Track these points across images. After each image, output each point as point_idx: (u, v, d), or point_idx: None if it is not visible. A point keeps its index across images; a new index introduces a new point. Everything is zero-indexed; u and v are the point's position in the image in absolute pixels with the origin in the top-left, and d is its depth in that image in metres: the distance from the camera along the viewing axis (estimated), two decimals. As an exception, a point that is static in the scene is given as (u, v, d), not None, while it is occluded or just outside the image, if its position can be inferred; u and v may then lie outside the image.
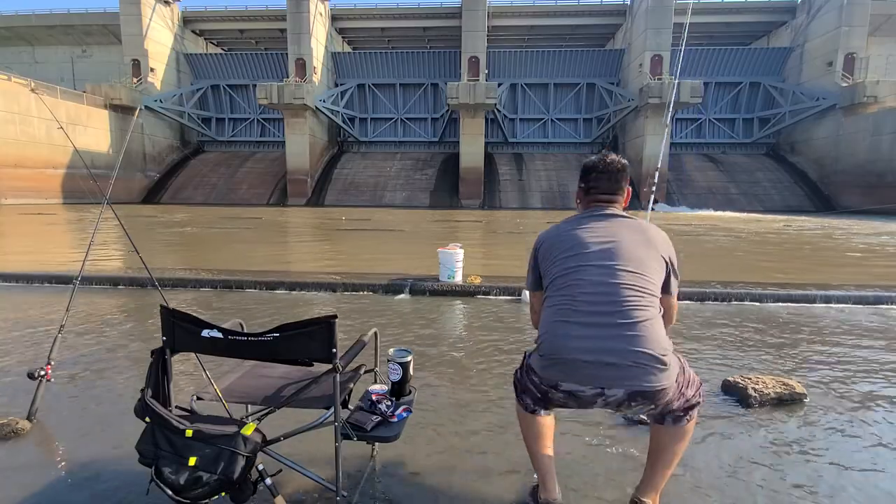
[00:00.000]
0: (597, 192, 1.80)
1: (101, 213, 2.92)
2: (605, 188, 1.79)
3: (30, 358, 3.36)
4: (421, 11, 37.89)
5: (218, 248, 10.82)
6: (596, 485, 1.99)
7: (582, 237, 1.70)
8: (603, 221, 1.73)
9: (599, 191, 1.80)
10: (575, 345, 1.56)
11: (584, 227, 1.73)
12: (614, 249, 1.64)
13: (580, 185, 1.86)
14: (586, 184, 1.83)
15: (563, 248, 1.71)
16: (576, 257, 1.66)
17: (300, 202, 33.45)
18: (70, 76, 38.83)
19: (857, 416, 2.65)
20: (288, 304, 5.17)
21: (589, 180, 1.82)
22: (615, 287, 1.58)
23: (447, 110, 36.12)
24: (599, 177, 1.80)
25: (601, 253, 1.64)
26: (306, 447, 2.09)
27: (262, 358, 1.79)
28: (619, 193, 1.80)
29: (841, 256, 10.06)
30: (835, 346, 3.89)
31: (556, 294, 1.67)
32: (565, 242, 1.72)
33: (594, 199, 1.81)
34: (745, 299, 5.36)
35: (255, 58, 39.01)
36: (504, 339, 4.00)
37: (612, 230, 1.69)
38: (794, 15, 35.53)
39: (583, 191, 1.85)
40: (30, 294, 5.51)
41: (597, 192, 1.80)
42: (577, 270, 1.64)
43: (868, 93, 28.59)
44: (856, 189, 29.23)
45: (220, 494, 1.51)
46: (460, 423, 2.51)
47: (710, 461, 2.17)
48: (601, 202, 1.79)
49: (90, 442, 2.29)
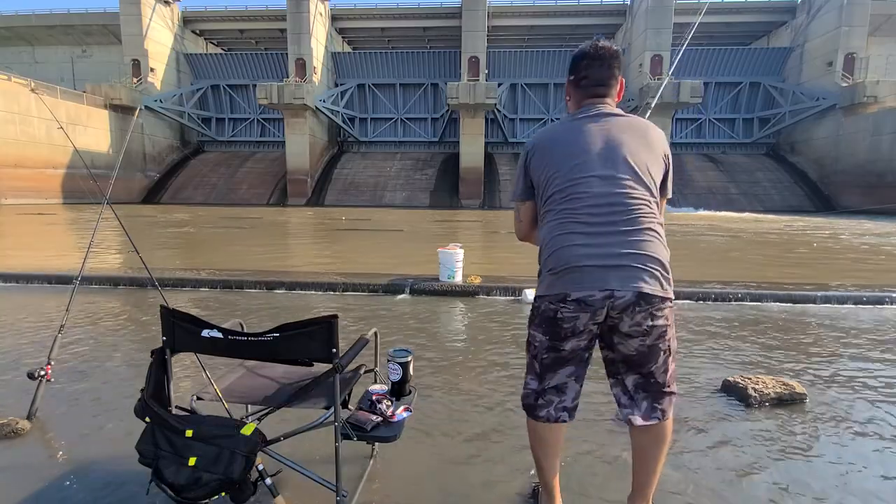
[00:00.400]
0: (589, 84, 1.66)
1: (100, 213, 2.92)
2: (597, 77, 1.66)
3: (30, 358, 3.36)
4: (421, 11, 37.89)
5: (218, 248, 10.82)
6: (594, 486, 1.99)
7: (579, 143, 1.59)
8: (600, 122, 1.60)
9: (592, 81, 1.66)
10: (584, 252, 1.51)
11: (581, 131, 1.61)
12: (616, 157, 1.55)
13: (569, 79, 1.72)
14: (577, 74, 1.68)
15: (559, 157, 1.61)
16: (575, 168, 1.57)
17: (300, 202, 33.45)
18: (70, 76, 38.83)
19: (857, 416, 2.65)
20: (288, 304, 5.17)
21: (579, 69, 1.67)
22: (620, 197, 1.52)
23: (447, 110, 36.11)
24: (591, 64, 1.65)
25: (602, 161, 1.55)
26: (306, 447, 2.09)
27: (262, 358, 1.79)
28: (612, 83, 1.67)
29: (841, 256, 10.06)
30: (835, 346, 3.89)
31: (557, 208, 1.59)
32: (561, 150, 1.61)
33: (587, 95, 1.67)
34: (744, 299, 5.36)
35: (255, 58, 39.01)
36: (504, 339, 4.00)
37: (612, 133, 1.58)
38: (794, 15, 35.53)
39: (573, 84, 1.70)
40: (30, 294, 5.51)
41: (589, 84, 1.66)
42: (579, 183, 1.56)
43: (868, 93, 28.58)
44: (856, 189, 29.23)
45: (220, 494, 1.51)
46: (460, 424, 2.51)
47: (710, 461, 2.17)
48: (595, 97, 1.67)
49: (90, 442, 2.29)
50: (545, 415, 1.68)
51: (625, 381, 1.65)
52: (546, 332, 1.61)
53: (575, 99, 1.72)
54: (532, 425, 1.73)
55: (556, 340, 1.60)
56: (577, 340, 1.58)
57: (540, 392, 1.69)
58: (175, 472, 1.49)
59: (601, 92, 1.67)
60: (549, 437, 1.70)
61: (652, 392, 1.62)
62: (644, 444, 1.68)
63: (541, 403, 1.68)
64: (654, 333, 1.53)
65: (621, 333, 1.55)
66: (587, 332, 1.57)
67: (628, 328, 1.53)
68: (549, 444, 1.71)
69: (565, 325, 1.56)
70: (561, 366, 1.64)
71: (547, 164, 1.63)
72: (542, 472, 1.76)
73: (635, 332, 1.53)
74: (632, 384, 1.64)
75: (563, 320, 1.56)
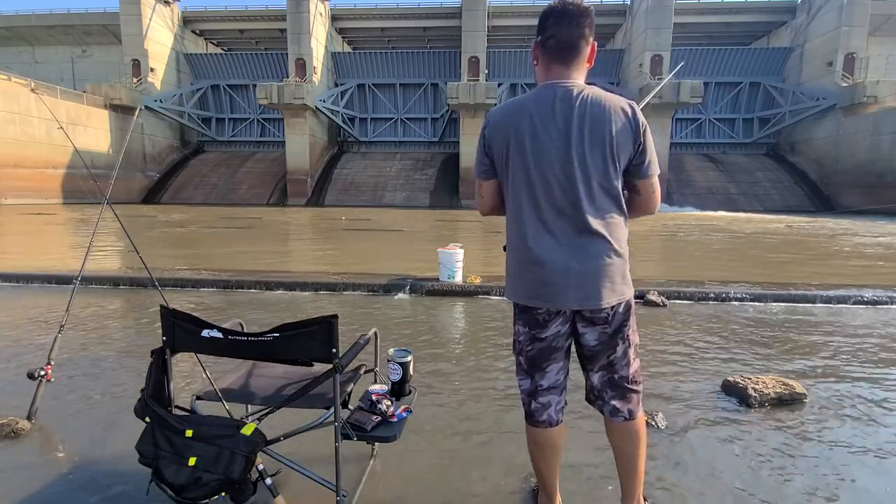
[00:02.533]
0: (556, 47, 1.52)
1: (101, 213, 2.92)
2: (565, 37, 1.51)
3: (30, 358, 3.35)
4: (421, 11, 37.88)
5: (218, 248, 10.82)
6: (592, 486, 1.98)
7: (533, 129, 1.50)
8: (559, 102, 1.49)
9: (559, 43, 1.52)
10: (542, 257, 1.52)
11: (537, 112, 1.50)
12: (569, 145, 1.47)
13: (536, 40, 1.57)
14: (543, 35, 1.54)
15: (512, 142, 1.53)
16: (528, 156, 1.51)
17: (300, 202, 33.44)
18: (70, 76, 38.83)
19: (858, 415, 2.65)
20: (288, 304, 5.17)
21: (546, 29, 1.53)
22: (572, 195, 1.48)
23: (447, 110, 36.12)
24: (559, 22, 1.51)
25: (553, 151, 1.48)
26: (306, 447, 2.09)
27: (262, 358, 1.79)
28: (581, 44, 1.52)
29: (841, 256, 10.05)
30: (835, 346, 3.89)
31: (513, 199, 1.57)
32: (515, 135, 1.53)
33: (553, 58, 1.54)
34: (744, 299, 5.36)
35: (255, 58, 39.02)
36: (504, 339, 3.99)
37: (568, 113, 1.47)
38: (794, 15, 35.53)
39: (540, 45, 1.56)
40: (30, 294, 5.51)
41: (556, 47, 1.52)
42: (529, 173, 1.51)
43: (868, 93, 28.59)
44: (856, 189, 29.22)
45: (220, 494, 1.51)
46: (460, 423, 2.51)
47: (710, 461, 2.17)
48: (561, 63, 1.54)
49: (90, 442, 2.29)
50: (546, 419, 1.65)
51: (592, 378, 1.66)
52: (525, 322, 1.62)
53: (542, 63, 1.58)
54: (532, 434, 1.69)
55: (535, 329, 1.60)
56: (556, 325, 1.58)
57: (532, 392, 1.66)
58: (175, 472, 1.49)
59: (568, 57, 1.53)
60: (550, 442, 1.67)
61: (618, 390, 1.63)
62: (617, 444, 1.68)
63: (536, 407, 1.66)
64: (615, 321, 1.56)
65: (585, 318, 1.57)
66: (561, 315, 1.57)
67: (591, 312, 1.54)
68: (551, 450, 1.68)
69: (539, 311, 1.57)
70: (547, 360, 1.63)
71: (500, 147, 1.56)
72: (542, 477, 1.74)
73: (597, 319, 1.56)
74: (598, 381, 1.65)
75: (535, 308, 1.58)
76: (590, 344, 1.59)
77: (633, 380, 1.63)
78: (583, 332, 1.59)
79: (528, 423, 1.69)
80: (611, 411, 1.65)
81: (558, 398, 1.66)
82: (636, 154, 1.52)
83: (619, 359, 1.60)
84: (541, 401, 1.65)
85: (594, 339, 1.58)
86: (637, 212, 1.64)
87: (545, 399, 1.65)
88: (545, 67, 1.58)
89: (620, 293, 1.54)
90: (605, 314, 1.55)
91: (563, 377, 1.67)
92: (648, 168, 1.54)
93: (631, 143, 1.50)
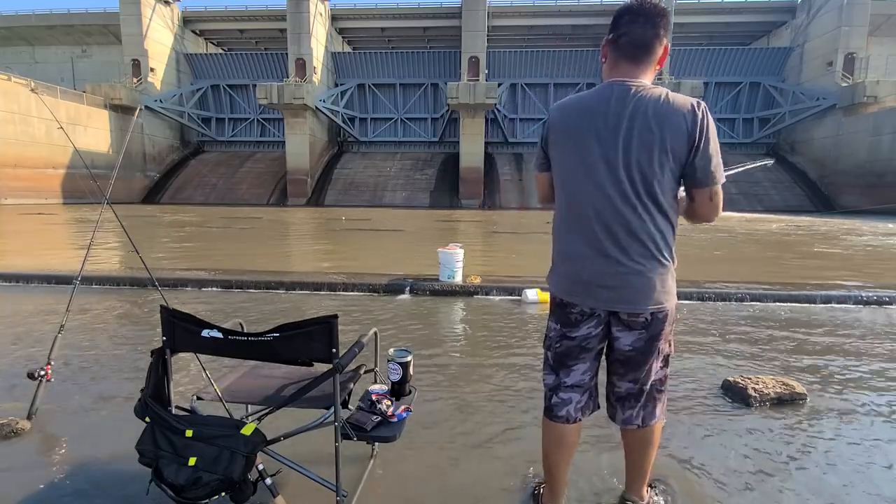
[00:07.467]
0: (628, 43, 1.50)
1: (101, 213, 2.92)
2: (638, 35, 1.49)
3: (30, 358, 3.35)
4: (421, 11, 37.90)
5: (218, 248, 10.82)
6: (592, 482, 1.98)
7: (583, 127, 1.49)
8: (615, 101, 1.46)
9: (632, 41, 1.49)
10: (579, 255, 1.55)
11: (591, 110, 1.49)
12: (617, 146, 1.44)
13: (607, 38, 1.55)
14: (616, 32, 1.52)
15: (563, 139, 1.55)
16: (575, 153, 1.51)
17: (300, 202, 33.45)
18: (70, 76, 38.82)
19: (858, 416, 2.65)
20: (288, 304, 5.17)
21: (619, 26, 1.51)
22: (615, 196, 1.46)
23: (447, 110, 36.12)
24: (634, 20, 1.49)
25: (599, 151, 1.47)
26: (306, 447, 2.08)
27: (263, 358, 1.79)
28: (655, 44, 1.50)
29: (842, 256, 10.05)
30: (835, 346, 3.89)
31: (558, 194, 1.61)
32: (566, 132, 1.54)
33: (624, 56, 1.52)
34: (745, 299, 5.36)
35: (255, 58, 39.02)
36: (504, 339, 3.99)
37: (621, 112, 1.45)
38: (794, 15, 35.54)
39: (611, 43, 1.54)
40: (29, 294, 5.51)
41: (628, 43, 1.50)
42: (575, 170, 1.52)
43: (868, 93, 28.62)
44: (856, 189, 29.24)
45: (220, 494, 1.51)
46: (460, 423, 2.51)
47: (710, 461, 2.17)
48: (630, 62, 1.51)
49: (90, 442, 2.29)
50: (564, 414, 1.67)
51: (619, 385, 1.67)
52: (558, 319, 1.64)
53: (610, 61, 1.56)
54: (548, 427, 1.71)
55: (567, 327, 1.62)
56: (588, 327, 1.58)
57: (555, 388, 1.68)
58: (175, 472, 1.49)
59: (639, 55, 1.50)
60: (565, 439, 1.69)
61: (640, 399, 1.64)
62: (629, 445, 1.72)
63: (556, 402, 1.67)
64: (652, 328, 1.54)
65: (621, 321, 1.55)
66: (595, 317, 1.57)
67: (628, 316, 1.53)
68: (565, 445, 1.70)
69: (573, 309, 1.59)
70: (574, 359, 1.63)
71: (557, 146, 1.58)
72: (550, 472, 1.76)
73: (634, 324, 1.54)
74: (625, 389, 1.66)
75: (570, 305, 1.59)
76: (623, 348, 1.58)
77: (659, 389, 1.64)
78: (617, 336, 1.57)
79: (546, 416, 1.72)
80: (624, 420, 1.67)
81: (580, 397, 1.67)
82: (691, 158, 1.44)
83: (649, 369, 1.60)
84: (562, 396, 1.67)
85: (628, 343, 1.56)
86: (694, 219, 1.58)
87: (566, 395, 1.67)
88: (612, 65, 1.55)
89: (656, 301, 1.50)
90: (644, 319, 1.52)
91: (589, 378, 1.67)
92: (706, 176, 1.45)
93: (684, 145, 1.42)
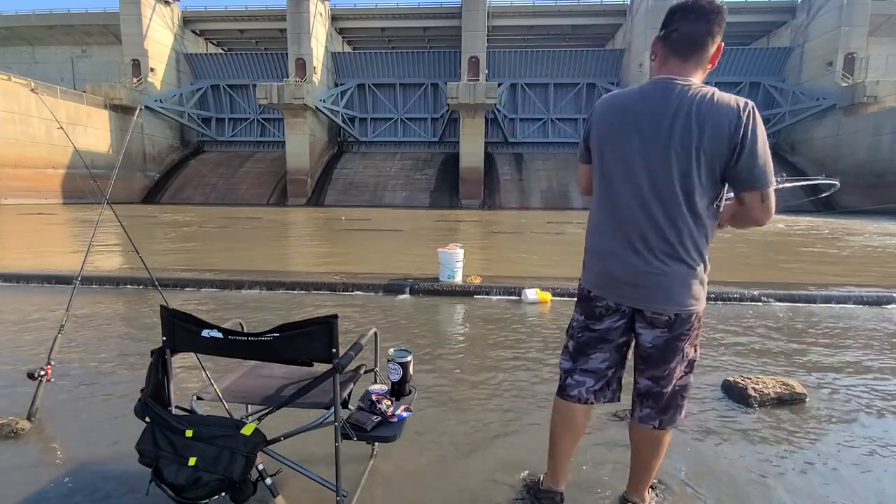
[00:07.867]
0: (679, 41, 1.45)
1: (101, 213, 2.92)
2: (691, 32, 1.44)
3: (30, 358, 3.35)
4: (421, 11, 37.90)
5: (218, 248, 10.82)
6: (592, 479, 1.98)
7: (623, 124, 1.48)
8: (658, 99, 1.44)
9: (684, 37, 1.45)
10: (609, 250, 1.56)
11: (635, 107, 1.47)
12: (656, 144, 1.42)
13: (658, 35, 1.52)
14: (668, 28, 1.47)
15: (604, 133, 1.54)
16: (614, 149, 1.51)
17: (300, 202, 33.44)
18: (70, 76, 38.82)
19: (858, 416, 2.65)
20: (288, 304, 5.16)
21: (672, 22, 1.47)
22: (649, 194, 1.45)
23: (447, 110, 36.10)
24: (686, 17, 1.44)
25: (638, 148, 1.45)
26: (306, 447, 2.09)
27: (263, 358, 1.79)
28: (707, 42, 1.44)
29: (841, 255, 10.05)
30: (835, 346, 3.89)
31: (595, 189, 1.62)
32: (607, 127, 1.53)
33: (674, 52, 1.47)
34: (744, 299, 5.36)
35: (255, 58, 39.00)
36: (504, 339, 4.00)
37: (663, 111, 1.42)
38: (794, 15, 35.52)
39: (662, 39, 1.50)
40: (29, 294, 5.51)
41: (679, 41, 1.45)
42: (613, 166, 1.52)
43: (868, 93, 28.61)
44: (856, 189, 29.17)
45: (220, 494, 1.51)
46: (460, 423, 2.51)
47: (710, 461, 2.17)
48: (679, 58, 1.47)
49: (90, 442, 2.29)
50: (576, 394, 1.70)
51: (639, 381, 1.68)
52: (583, 311, 1.68)
53: (660, 58, 1.52)
54: (559, 405, 1.75)
55: (590, 320, 1.65)
56: (611, 321, 1.61)
57: (570, 371, 1.72)
58: (175, 472, 1.49)
59: (689, 53, 1.46)
60: (574, 419, 1.73)
61: (660, 400, 1.64)
62: (637, 444, 1.73)
63: (570, 383, 1.71)
64: (675, 329, 1.54)
65: (644, 318, 1.57)
66: (619, 312, 1.59)
67: (652, 314, 1.54)
68: (573, 426, 1.73)
69: (599, 303, 1.62)
70: (594, 349, 1.66)
71: (599, 140, 1.57)
72: (554, 455, 1.77)
73: (657, 321, 1.55)
74: (644, 386, 1.67)
75: (596, 298, 1.62)
76: (644, 344, 1.60)
77: (679, 394, 1.64)
78: (640, 332, 1.60)
79: (558, 395, 1.76)
80: (641, 417, 1.67)
81: (594, 382, 1.69)
82: (734, 160, 1.38)
83: (671, 371, 1.60)
84: (576, 378, 1.71)
85: (649, 340, 1.58)
86: (744, 223, 1.54)
87: (581, 378, 1.70)
88: (662, 62, 1.52)
89: (680, 303, 1.50)
90: (667, 318, 1.53)
91: (606, 367, 1.68)
92: (753, 177, 1.39)
93: (726, 147, 1.37)
